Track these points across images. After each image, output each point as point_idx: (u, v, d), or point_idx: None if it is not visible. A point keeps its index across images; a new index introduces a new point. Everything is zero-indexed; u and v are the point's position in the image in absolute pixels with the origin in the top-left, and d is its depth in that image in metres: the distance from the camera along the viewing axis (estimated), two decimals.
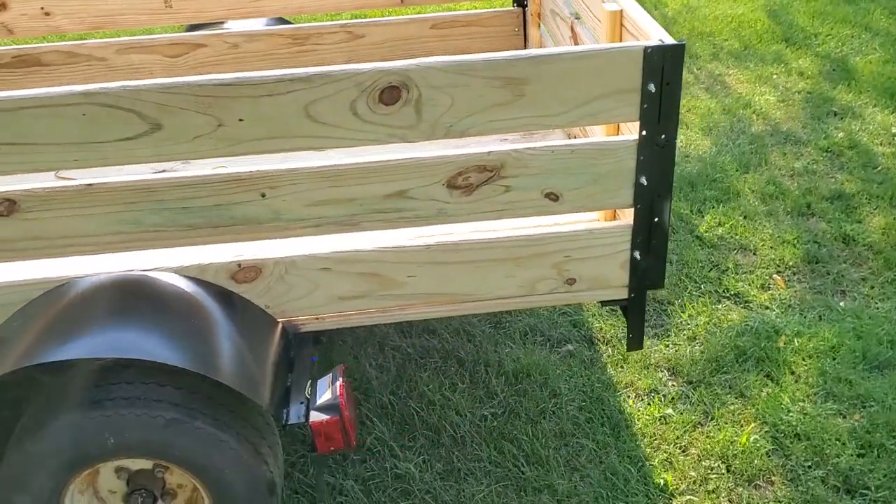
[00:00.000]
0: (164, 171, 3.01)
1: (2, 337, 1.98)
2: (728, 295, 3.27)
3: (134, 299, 1.99)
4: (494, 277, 2.14)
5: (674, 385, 2.83)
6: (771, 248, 3.52)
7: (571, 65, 1.87)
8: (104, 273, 2.03)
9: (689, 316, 3.15)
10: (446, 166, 1.98)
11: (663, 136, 1.97)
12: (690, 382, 2.83)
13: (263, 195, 1.97)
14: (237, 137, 1.88)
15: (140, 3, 3.62)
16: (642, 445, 2.57)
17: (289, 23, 3.95)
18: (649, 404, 2.73)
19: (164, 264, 2.06)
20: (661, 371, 2.89)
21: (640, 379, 2.83)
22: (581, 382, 2.82)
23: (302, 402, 1.97)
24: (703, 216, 3.73)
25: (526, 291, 2.17)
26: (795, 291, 3.28)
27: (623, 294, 2.19)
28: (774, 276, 3.37)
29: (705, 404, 2.73)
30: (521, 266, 2.13)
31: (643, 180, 2.02)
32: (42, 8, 3.56)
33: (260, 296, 2.10)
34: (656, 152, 1.99)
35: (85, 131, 1.84)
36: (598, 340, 3.04)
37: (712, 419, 2.67)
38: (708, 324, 3.10)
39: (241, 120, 1.86)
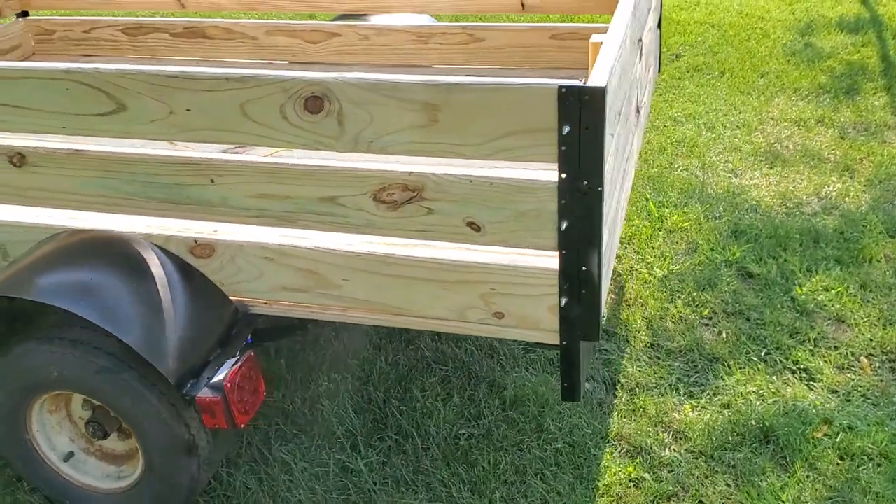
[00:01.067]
0: (237, 149, 3.28)
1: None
2: (794, 368, 2.92)
3: (102, 256, 2.25)
4: (423, 296, 2.13)
5: (673, 450, 2.60)
6: (874, 325, 3.07)
7: (482, 96, 1.81)
8: (88, 229, 2.31)
9: (737, 381, 2.86)
10: (371, 179, 2.01)
11: (585, 183, 1.85)
12: (691, 451, 2.59)
13: (212, 181, 2.13)
14: (186, 125, 2.05)
15: None
16: None
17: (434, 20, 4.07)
18: (631, 463, 2.55)
19: (143, 230, 2.30)
20: (667, 432, 2.67)
21: (636, 435, 2.64)
22: (573, 424, 2.69)
23: (208, 378, 2.12)
24: (811, 276, 3.33)
25: (456, 316, 2.14)
26: (880, 381, 2.85)
27: (553, 339, 2.08)
28: (862, 358, 2.95)
29: (692, 478, 2.49)
30: (448, 290, 2.11)
31: (565, 225, 1.91)
32: None
33: (214, 273, 2.28)
34: (579, 198, 1.87)
35: (68, 104, 2.11)
36: (620, 385, 2.87)
37: (690, 496, 2.44)
38: (753, 394, 2.80)
39: (188, 110, 2.03)
